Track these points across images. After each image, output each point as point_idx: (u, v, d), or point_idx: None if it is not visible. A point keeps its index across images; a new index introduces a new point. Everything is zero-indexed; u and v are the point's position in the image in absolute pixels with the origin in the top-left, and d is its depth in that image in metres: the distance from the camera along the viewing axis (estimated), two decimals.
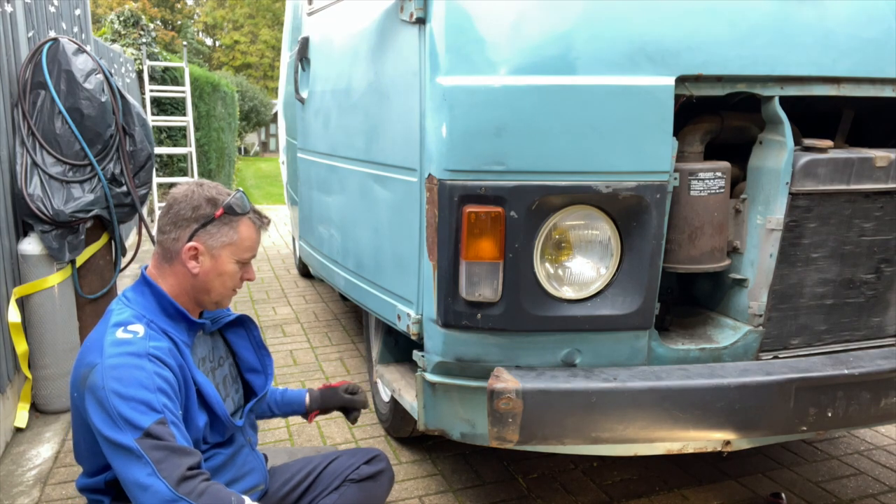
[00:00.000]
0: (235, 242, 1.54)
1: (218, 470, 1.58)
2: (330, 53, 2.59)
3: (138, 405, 1.33)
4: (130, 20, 9.21)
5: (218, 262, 1.53)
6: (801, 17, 1.75)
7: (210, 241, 1.52)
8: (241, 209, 1.55)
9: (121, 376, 1.35)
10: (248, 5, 39.84)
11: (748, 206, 1.87)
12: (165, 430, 1.32)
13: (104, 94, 3.08)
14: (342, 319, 4.61)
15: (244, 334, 1.77)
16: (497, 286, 1.72)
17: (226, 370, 1.72)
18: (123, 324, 1.45)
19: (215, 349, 1.70)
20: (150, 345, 1.41)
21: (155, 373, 1.37)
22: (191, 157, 8.63)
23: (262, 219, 1.61)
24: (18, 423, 2.89)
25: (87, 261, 3.18)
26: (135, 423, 1.31)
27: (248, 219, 1.56)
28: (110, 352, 1.38)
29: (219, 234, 1.52)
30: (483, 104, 1.68)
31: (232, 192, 1.57)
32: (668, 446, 1.79)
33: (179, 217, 1.51)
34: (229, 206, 1.53)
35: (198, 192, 1.53)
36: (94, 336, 1.47)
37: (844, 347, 1.97)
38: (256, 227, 1.59)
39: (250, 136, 29.78)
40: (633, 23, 1.68)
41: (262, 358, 1.78)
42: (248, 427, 1.73)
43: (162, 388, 1.37)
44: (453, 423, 1.94)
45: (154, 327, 1.48)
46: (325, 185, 2.77)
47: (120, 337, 1.41)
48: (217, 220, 1.52)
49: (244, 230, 1.55)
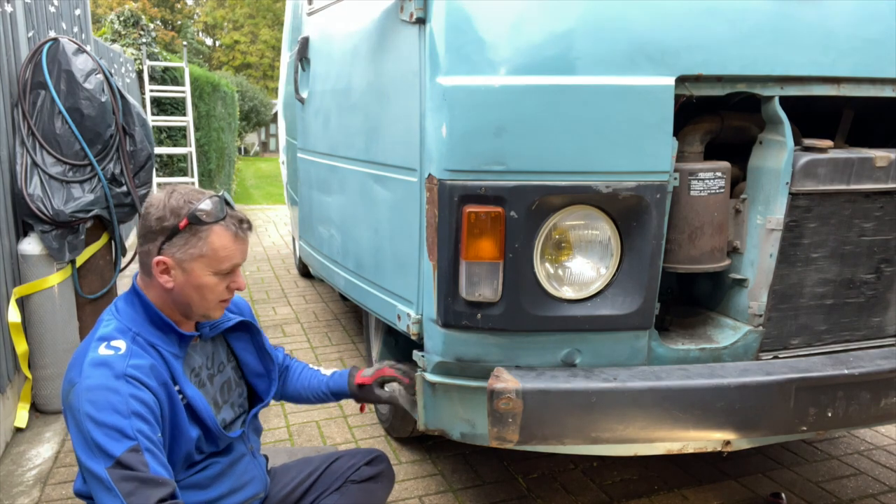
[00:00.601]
0: (206, 254, 1.42)
1: (216, 479, 1.56)
2: (330, 53, 2.59)
3: (111, 431, 1.29)
4: (130, 20, 9.21)
5: (191, 276, 1.44)
6: (801, 17, 1.75)
7: (178, 255, 1.42)
8: (209, 217, 1.42)
9: (95, 399, 1.31)
10: (248, 5, 39.84)
11: (748, 206, 1.87)
12: (138, 459, 1.29)
13: (104, 94, 3.08)
14: (342, 319, 4.61)
15: (247, 339, 1.72)
16: (497, 286, 1.72)
17: (227, 375, 1.67)
18: (107, 338, 1.41)
19: (216, 354, 1.65)
20: (129, 363, 1.37)
21: (130, 395, 1.33)
22: (191, 157, 8.63)
23: (240, 224, 1.47)
24: (18, 423, 2.89)
25: (87, 261, 3.18)
26: (107, 451, 1.28)
27: (219, 227, 1.43)
28: (87, 372, 1.35)
29: (186, 247, 1.42)
30: (483, 104, 1.68)
31: (205, 198, 1.44)
32: (668, 446, 1.79)
33: (146, 229, 1.43)
34: (193, 216, 1.40)
35: (165, 200, 1.42)
36: (81, 348, 1.44)
37: (844, 347, 1.97)
38: (232, 234, 1.45)
39: (250, 136, 29.79)
40: (633, 23, 1.68)
41: (266, 363, 1.74)
42: (250, 433, 1.70)
43: (137, 412, 1.32)
44: (453, 423, 1.94)
45: (139, 341, 1.43)
46: (325, 185, 2.77)
47: (101, 354, 1.37)
48: (182, 231, 1.41)
49: (215, 240, 1.43)
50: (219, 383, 1.64)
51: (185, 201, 1.42)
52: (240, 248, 1.48)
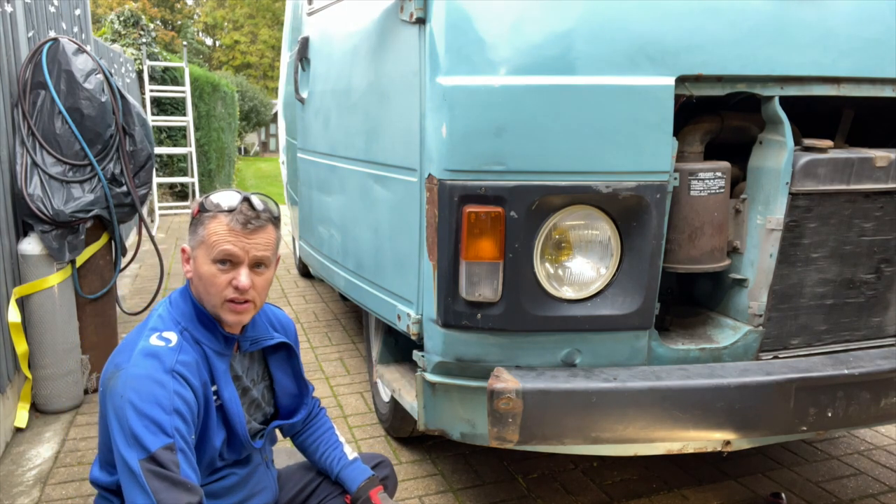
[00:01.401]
0: (204, 239, 1.44)
1: (231, 489, 1.57)
2: (330, 53, 2.59)
3: (150, 424, 1.30)
4: (130, 20, 9.21)
5: (197, 264, 1.46)
6: (801, 17, 1.75)
7: (191, 242, 1.48)
8: (214, 207, 1.45)
9: (140, 388, 1.32)
10: (248, 5, 39.84)
11: (748, 206, 1.87)
12: (170, 458, 1.30)
13: (104, 94, 3.08)
14: (342, 319, 4.61)
15: (285, 360, 1.71)
16: (497, 286, 1.72)
17: (260, 392, 1.66)
18: (159, 329, 1.44)
19: (251, 370, 1.64)
20: (179, 359, 1.39)
21: (175, 391, 1.34)
22: (191, 157, 8.63)
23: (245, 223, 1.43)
24: (18, 423, 2.89)
25: (87, 261, 3.18)
26: (143, 443, 1.29)
27: (220, 215, 1.44)
28: (137, 360, 1.36)
29: (195, 234, 1.46)
30: (483, 104, 1.68)
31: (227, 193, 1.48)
32: (668, 446, 1.79)
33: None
34: (202, 204, 1.47)
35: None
36: (134, 333, 1.46)
37: (844, 347, 1.97)
38: (227, 223, 1.42)
39: (250, 136, 29.79)
40: (633, 23, 1.68)
41: (301, 386, 1.74)
42: (267, 443, 1.70)
43: (178, 410, 1.34)
44: (453, 423, 1.94)
45: (187, 336, 1.45)
46: (325, 185, 2.77)
47: (152, 344, 1.39)
48: (195, 218, 1.47)
49: (210, 226, 1.43)
50: (249, 399, 1.63)
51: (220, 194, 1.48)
52: (234, 237, 1.43)
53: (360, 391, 3.40)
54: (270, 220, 1.49)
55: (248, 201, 1.47)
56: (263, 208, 1.48)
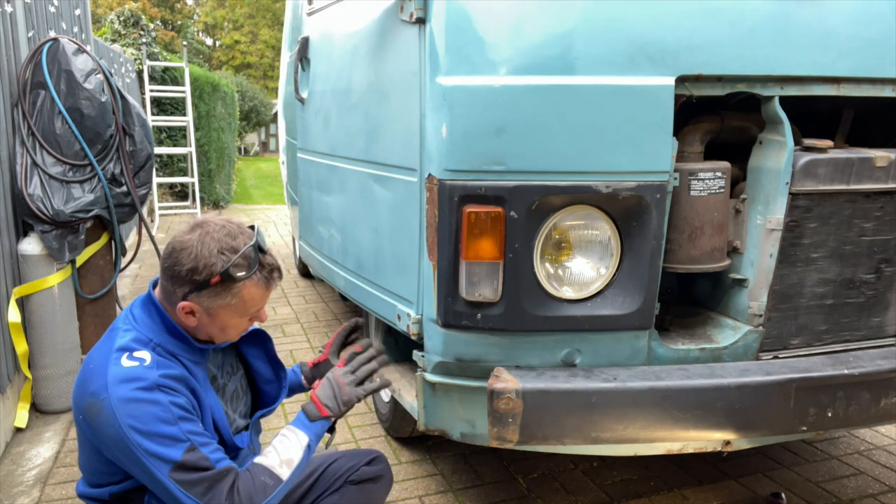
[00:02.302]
0: (235, 305, 1.41)
1: None
2: (330, 53, 2.59)
3: (163, 440, 1.30)
4: (130, 20, 9.21)
5: (217, 319, 1.43)
6: (801, 17, 1.75)
7: (206, 303, 1.40)
8: (246, 272, 1.39)
9: (136, 413, 1.30)
10: (248, 5, 39.84)
11: (748, 206, 1.87)
12: (197, 456, 1.31)
13: (104, 94, 3.08)
14: (342, 319, 4.61)
15: (259, 347, 1.73)
16: (497, 286, 1.72)
17: (236, 383, 1.68)
18: (128, 349, 1.38)
19: (225, 363, 1.66)
20: (159, 373, 1.36)
21: (171, 402, 1.33)
22: (191, 157, 8.63)
23: (271, 274, 1.44)
24: (18, 423, 2.89)
25: (87, 261, 3.18)
26: (165, 458, 1.30)
27: (251, 281, 1.40)
28: (115, 388, 1.32)
29: (216, 298, 1.40)
30: (483, 104, 1.68)
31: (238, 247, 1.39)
32: (668, 446, 1.79)
33: (175, 273, 1.39)
34: (227, 274, 1.37)
35: (196, 248, 1.37)
36: (98, 357, 1.40)
37: (844, 347, 1.97)
38: (264, 287, 1.44)
39: (250, 136, 29.77)
40: (633, 23, 1.68)
41: (277, 370, 1.76)
42: (253, 434, 1.71)
43: (181, 416, 1.34)
44: (453, 423, 1.94)
45: (161, 352, 1.41)
46: (325, 185, 2.77)
47: (125, 366, 1.34)
48: (212, 287, 1.38)
49: (246, 294, 1.41)
50: (229, 392, 1.65)
51: (219, 252, 1.37)
52: (269, 294, 1.47)
53: None
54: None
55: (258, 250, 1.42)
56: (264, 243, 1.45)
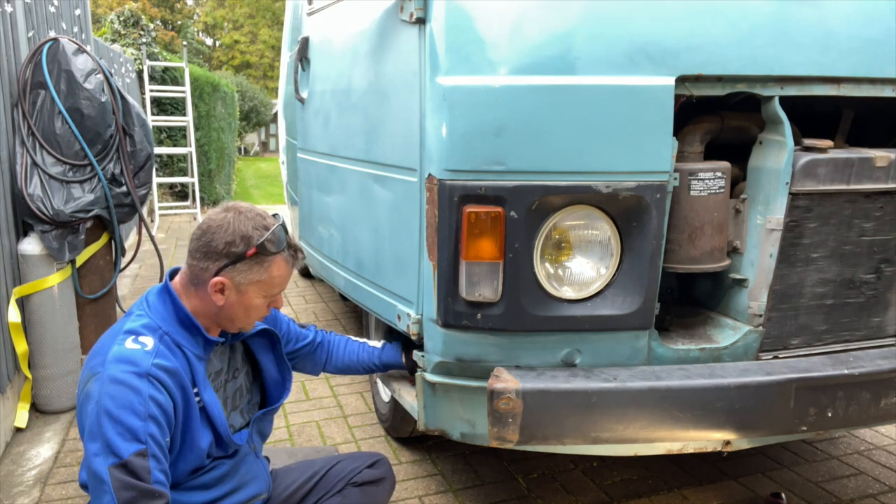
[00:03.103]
0: (265, 280, 1.49)
1: (221, 479, 1.58)
2: (330, 53, 2.59)
3: (124, 431, 1.31)
4: (130, 20, 9.21)
5: (244, 297, 1.49)
6: (801, 17, 1.75)
7: (238, 278, 1.46)
8: (276, 247, 1.48)
9: (115, 395, 1.33)
10: (248, 5, 39.84)
11: (748, 206, 1.87)
12: (142, 464, 1.30)
13: (104, 94, 3.08)
14: (342, 319, 4.61)
15: (268, 346, 1.75)
16: (497, 286, 1.72)
17: (240, 381, 1.69)
18: (135, 333, 1.43)
19: (232, 360, 1.67)
20: (154, 362, 1.38)
21: (150, 396, 1.35)
22: (191, 157, 8.63)
23: (296, 254, 1.54)
24: (18, 423, 2.89)
25: (87, 261, 3.18)
26: (116, 450, 1.30)
27: (280, 257, 1.50)
28: (111, 365, 1.36)
29: (249, 272, 1.47)
30: (483, 104, 1.68)
31: (269, 225, 1.49)
32: (668, 446, 1.79)
33: (210, 249, 1.45)
34: (262, 246, 1.46)
35: (233, 224, 1.45)
36: (107, 336, 1.46)
37: (844, 347, 1.97)
38: (289, 264, 1.53)
39: (250, 136, 29.77)
40: (633, 23, 1.68)
41: (284, 372, 1.77)
42: (254, 434, 1.71)
43: (153, 415, 1.34)
44: (453, 423, 1.94)
45: (166, 340, 1.45)
46: (325, 185, 2.77)
47: (127, 348, 1.39)
48: (249, 258, 1.46)
49: (275, 269, 1.50)
50: (232, 389, 1.66)
51: (253, 228, 1.46)
52: (290, 276, 1.56)
53: (360, 391, 3.40)
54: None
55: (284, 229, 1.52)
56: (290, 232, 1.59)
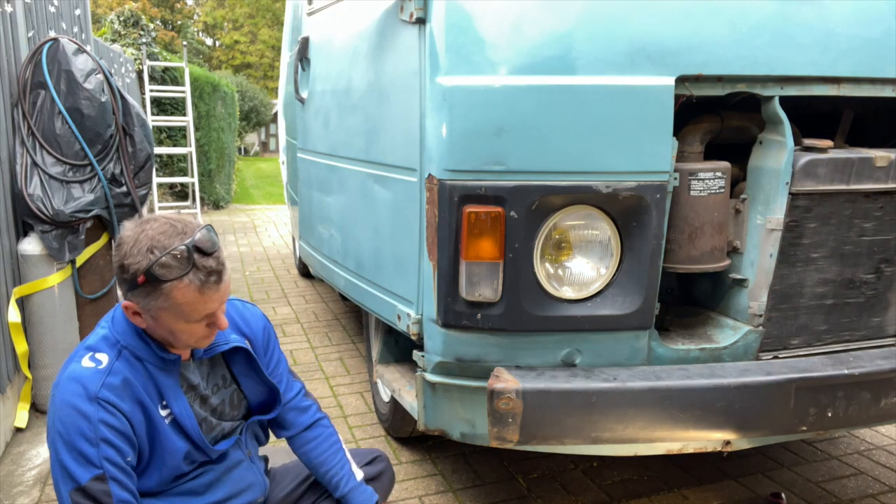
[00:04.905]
0: (169, 308, 1.30)
1: (211, 485, 1.53)
2: (330, 53, 2.59)
3: (78, 457, 1.28)
4: (130, 20, 9.21)
5: (161, 323, 1.34)
6: (801, 17, 1.75)
7: (141, 304, 1.32)
8: (169, 274, 1.26)
9: (65, 420, 1.30)
10: (248, 5, 39.83)
11: (748, 206, 1.87)
12: (101, 489, 1.28)
13: (104, 94, 3.08)
14: (342, 319, 4.61)
15: (246, 363, 1.60)
16: (497, 286, 1.72)
17: (222, 398, 1.59)
18: (93, 349, 1.37)
19: (212, 375, 1.56)
20: (105, 382, 1.33)
21: (100, 420, 1.30)
22: (191, 157, 8.63)
23: (208, 276, 1.29)
24: (18, 423, 2.89)
25: (87, 261, 3.18)
26: (73, 476, 1.28)
27: (181, 283, 1.27)
28: (64, 385, 1.32)
29: (148, 299, 1.30)
30: (483, 104, 1.68)
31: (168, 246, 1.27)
32: (668, 446, 1.79)
33: (115, 268, 1.32)
34: (150, 273, 1.26)
35: (130, 244, 1.28)
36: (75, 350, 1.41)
37: (844, 347, 1.97)
38: (197, 288, 1.29)
39: (250, 136, 29.76)
40: (633, 23, 1.68)
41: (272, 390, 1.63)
42: (248, 439, 1.65)
43: (105, 438, 1.30)
44: (453, 423, 1.94)
45: (126, 355, 1.38)
46: (325, 185, 2.77)
47: (82, 366, 1.34)
48: (141, 286, 1.28)
49: (178, 296, 1.28)
50: (223, 396, 1.58)
51: (147, 250, 1.27)
52: (210, 298, 1.32)
53: (360, 391, 3.40)
54: (219, 248, 1.34)
55: (193, 250, 1.28)
56: (212, 244, 1.32)
